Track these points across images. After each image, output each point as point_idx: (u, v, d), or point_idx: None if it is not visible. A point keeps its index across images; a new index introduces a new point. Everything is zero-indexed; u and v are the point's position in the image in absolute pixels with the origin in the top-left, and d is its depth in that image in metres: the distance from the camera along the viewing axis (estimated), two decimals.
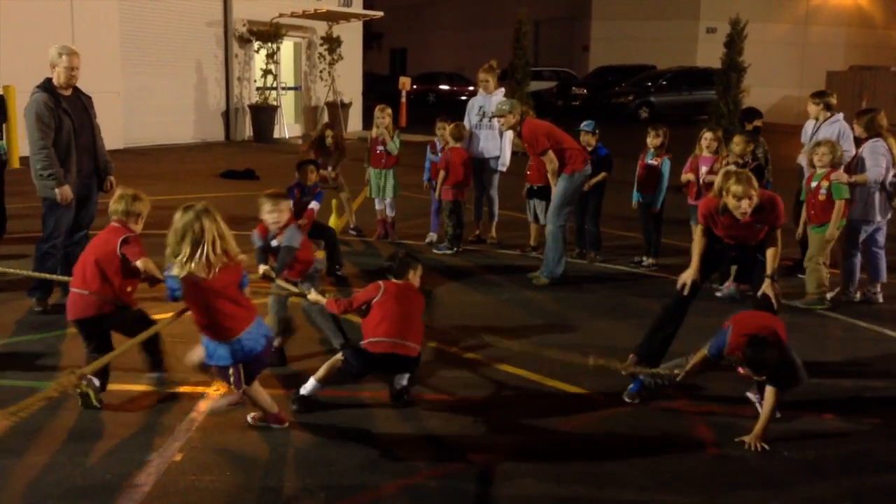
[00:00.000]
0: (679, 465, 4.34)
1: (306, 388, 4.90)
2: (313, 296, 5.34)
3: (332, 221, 9.62)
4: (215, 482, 4.06)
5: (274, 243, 5.65)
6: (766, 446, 4.51)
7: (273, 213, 5.59)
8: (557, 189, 7.80)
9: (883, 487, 4.21)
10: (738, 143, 7.75)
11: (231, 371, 4.31)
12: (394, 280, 5.05)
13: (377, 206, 9.70)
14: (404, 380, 5.00)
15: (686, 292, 5.29)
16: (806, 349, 5.59)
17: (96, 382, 4.79)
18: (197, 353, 4.48)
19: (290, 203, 5.90)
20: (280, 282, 5.53)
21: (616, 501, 3.99)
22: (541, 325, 6.67)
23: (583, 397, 5.21)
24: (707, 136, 8.08)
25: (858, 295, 7.51)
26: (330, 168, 9.43)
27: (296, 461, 4.31)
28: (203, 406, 4.86)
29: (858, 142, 7.53)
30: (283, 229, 5.61)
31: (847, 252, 7.46)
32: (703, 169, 8.00)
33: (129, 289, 4.92)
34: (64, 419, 4.67)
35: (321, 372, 4.89)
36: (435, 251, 9.01)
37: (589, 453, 4.48)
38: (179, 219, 4.19)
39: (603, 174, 8.52)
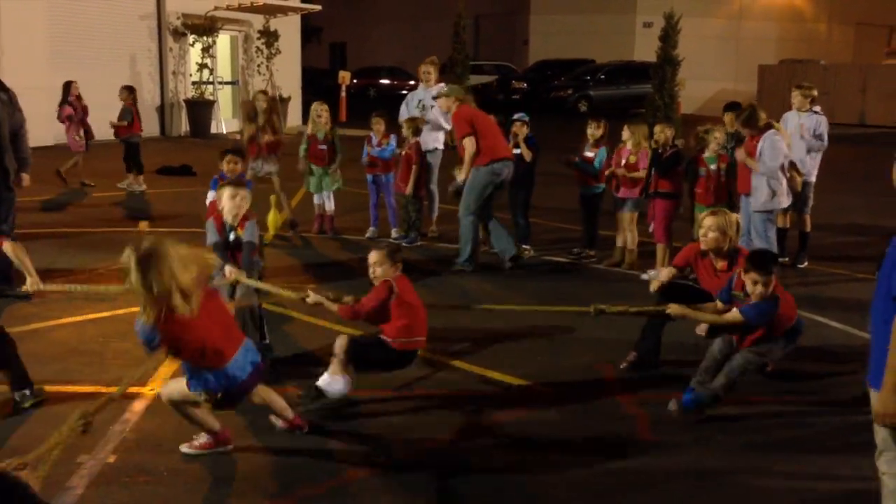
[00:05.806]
0: (615, 456, 4.40)
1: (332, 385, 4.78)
2: (313, 298, 4.88)
3: (271, 218, 9.48)
4: (150, 483, 3.98)
5: (232, 237, 5.41)
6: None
7: (234, 199, 5.31)
8: (467, 181, 7.95)
9: (816, 473, 4.31)
10: (658, 131, 7.89)
11: (206, 397, 3.96)
12: (397, 274, 4.85)
13: (316, 201, 9.62)
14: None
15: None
16: None
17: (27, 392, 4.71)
18: (176, 386, 4.13)
19: (250, 193, 5.66)
20: (265, 285, 5.35)
21: (552, 486, 4.03)
22: (484, 315, 6.64)
23: (526, 389, 5.24)
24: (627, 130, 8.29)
25: None
26: (269, 134, 9.42)
27: (234, 459, 4.24)
28: (137, 407, 4.75)
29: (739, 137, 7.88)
30: (244, 222, 5.39)
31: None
32: (623, 161, 8.18)
33: None
34: None
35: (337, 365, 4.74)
36: (404, 244, 8.99)
37: (530, 446, 4.51)
38: (142, 265, 3.62)
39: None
